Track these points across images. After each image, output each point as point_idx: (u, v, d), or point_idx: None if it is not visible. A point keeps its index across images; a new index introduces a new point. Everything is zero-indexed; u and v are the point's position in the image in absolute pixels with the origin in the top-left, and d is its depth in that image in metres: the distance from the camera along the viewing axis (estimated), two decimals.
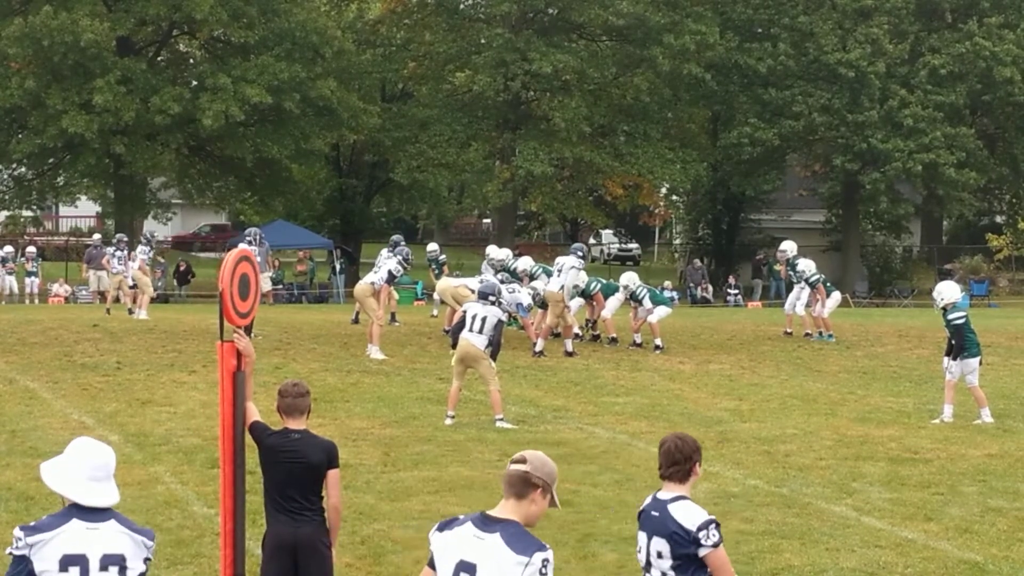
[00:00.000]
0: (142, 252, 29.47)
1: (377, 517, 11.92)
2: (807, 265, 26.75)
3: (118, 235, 35.99)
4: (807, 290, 26.48)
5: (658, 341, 23.87)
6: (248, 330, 8.14)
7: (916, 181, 51.43)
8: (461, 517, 5.96)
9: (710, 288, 48.73)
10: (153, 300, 30.27)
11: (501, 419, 16.62)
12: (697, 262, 51.20)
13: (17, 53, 42.74)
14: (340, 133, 48.94)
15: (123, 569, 5.85)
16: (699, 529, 6.28)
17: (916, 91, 49.67)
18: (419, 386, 19.65)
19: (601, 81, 50.42)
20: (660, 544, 6.35)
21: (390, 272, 23.86)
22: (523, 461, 5.96)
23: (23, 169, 48.95)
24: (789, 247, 27.18)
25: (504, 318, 17.14)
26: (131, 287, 30.32)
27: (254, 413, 7.99)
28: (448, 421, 16.60)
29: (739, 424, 17.02)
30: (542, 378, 20.71)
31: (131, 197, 47.97)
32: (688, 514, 6.34)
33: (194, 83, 46.16)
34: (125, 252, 31.04)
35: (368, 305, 23.53)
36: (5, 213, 52.71)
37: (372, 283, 23.54)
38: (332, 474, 8.02)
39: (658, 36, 47.23)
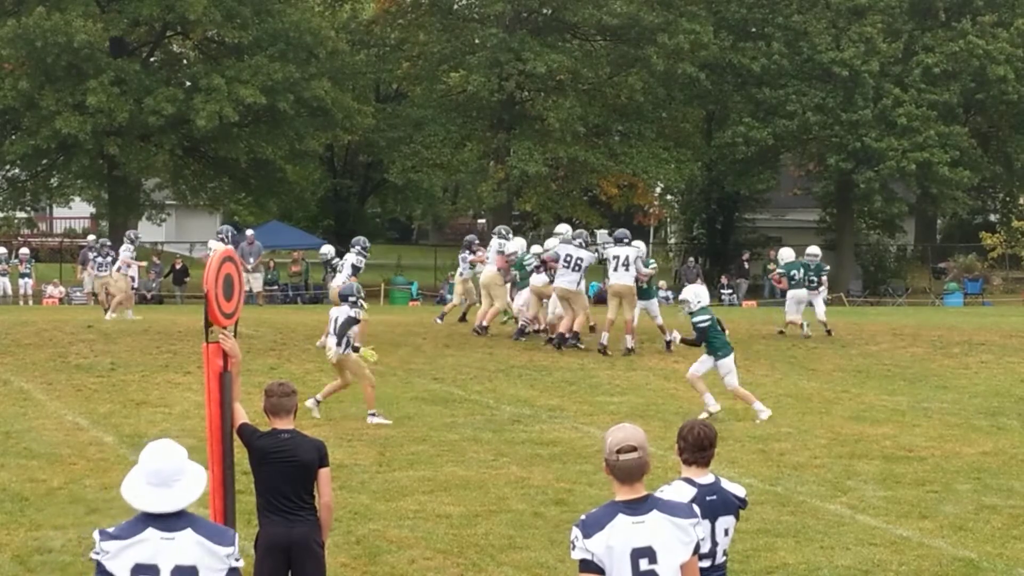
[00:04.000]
0: (125, 251, 29.41)
1: (372, 517, 11.92)
2: (785, 254, 27.15)
3: (100, 240, 36.09)
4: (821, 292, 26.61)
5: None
6: (233, 330, 8.14)
7: (910, 180, 51.44)
8: (599, 515, 5.96)
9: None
10: (146, 301, 30.19)
11: (373, 414, 16.74)
12: (691, 261, 51.22)
13: (10, 54, 42.72)
14: (334, 134, 48.94)
15: None
16: (746, 496, 6.97)
17: (910, 90, 49.70)
18: (414, 386, 19.66)
19: (595, 81, 50.43)
20: (727, 522, 6.77)
21: (353, 266, 24.41)
22: (635, 448, 5.99)
23: (16, 170, 48.88)
24: (785, 254, 27.05)
25: (355, 314, 17.13)
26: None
27: (242, 415, 7.98)
28: (310, 402, 16.82)
29: (734, 423, 17.03)
30: (537, 378, 20.72)
31: (125, 198, 47.96)
32: (736, 487, 6.94)
33: (188, 84, 46.12)
34: (108, 258, 31.22)
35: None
36: None
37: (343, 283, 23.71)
38: (323, 472, 8.04)
39: (652, 36, 47.24)
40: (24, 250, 41.75)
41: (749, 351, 24.17)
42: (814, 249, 27.31)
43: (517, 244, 26.29)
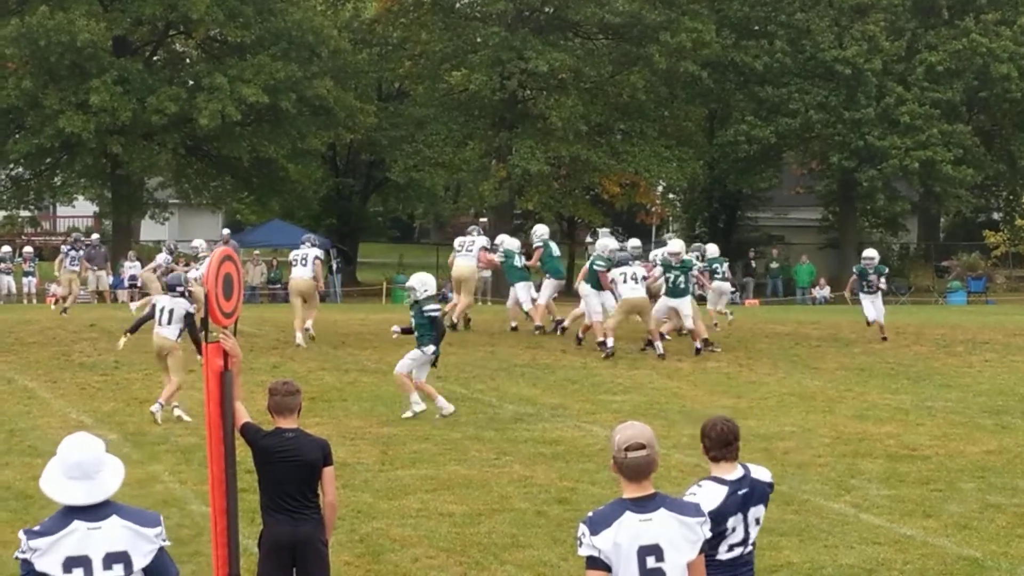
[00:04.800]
0: (161, 258, 29.50)
1: (375, 515, 11.92)
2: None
3: (74, 234, 36.26)
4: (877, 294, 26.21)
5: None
6: (233, 329, 8.14)
7: (913, 178, 51.40)
8: (606, 512, 5.98)
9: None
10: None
11: (173, 407, 16.67)
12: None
13: (13, 53, 42.70)
14: (336, 132, 48.94)
15: (128, 565, 5.86)
16: (772, 479, 7.09)
17: (913, 88, 49.66)
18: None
19: (597, 79, 50.38)
20: (758, 511, 6.90)
21: (317, 258, 24.74)
22: (643, 446, 6.01)
23: (20, 169, 48.93)
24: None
25: (192, 309, 17.17)
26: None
27: (244, 414, 7.98)
28: (155, 408, 16.56)
29: (737, 422, 16.92)
30: (540, 376, 20.71)
31: (128, 197, 47.98)
32: (762, 472, 7.07)
33: (190, 83, 46.12)
34: (80, 253, 31.71)
35: (313, 301, 24.70)
36: (2, 213, 52.72)
37: (313, 277, 24.32)
38: (327, 471, 8.04)
39: (654, 34, 47.20)
40: (28, 249, 41.77)
41: (752, 350, 24.17)
42: (871, 252, 27.13)
43: (513, 243, 26.41)
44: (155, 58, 48.89)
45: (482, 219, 37.82)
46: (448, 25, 50.88)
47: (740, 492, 6.80)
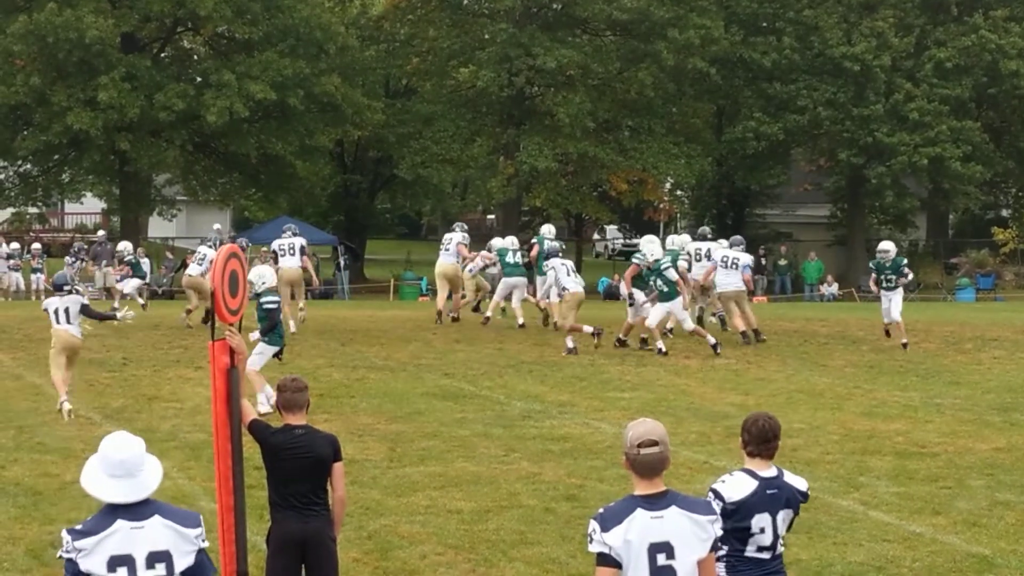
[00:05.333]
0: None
1: (383, 512, 11.92)
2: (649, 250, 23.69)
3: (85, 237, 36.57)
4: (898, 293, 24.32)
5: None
6: (238, 326, 8.13)
7: (921, 175, 51.37)
8: (618, 509, 5.98)
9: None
10: (158, 296, 30.27)
11: (65, 401, 16.55)
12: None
13: (22, 50, 42.76)
14: (344, 129, 48.97)
15: (170, 564, 5.89)
16: (808, 489, 7.02)
17: (921, 84, 49.61)
18: (424, 382, 19.65)
19: (605, 76, 50.37)
20: (787, 515, 6.83)
21: (303, 247, 25.87)
22: (656, 443, 6.01)
23: (28, 166, 49.04)
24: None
25: (86, 300, 17.49)
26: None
27: (251, 411, 7.98)
28: (62, 405, 16.42)
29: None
30: (547, 373, 20.70)
31: (136, 194, 48.07)
32: (798, 480, 6.97)
33: (198, 80, 46.20)
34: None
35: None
36: (11, 210, 52.76)
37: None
38: (337, 467, 8.05)
39: (662, 30, 47.18)
40: (36, 245, 41.88)
41: (760, 347, 24.13)
42: (886, 245, 24.93)
43: (509, 241, 26.94)
44: (163, 55, 48.94)
45: (490, 216, 37.86)
46: (455, 22, 50.91)
47: (770, 492, 6.76)
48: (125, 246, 31.88)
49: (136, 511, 5.91)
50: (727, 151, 53.05)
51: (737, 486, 6.73)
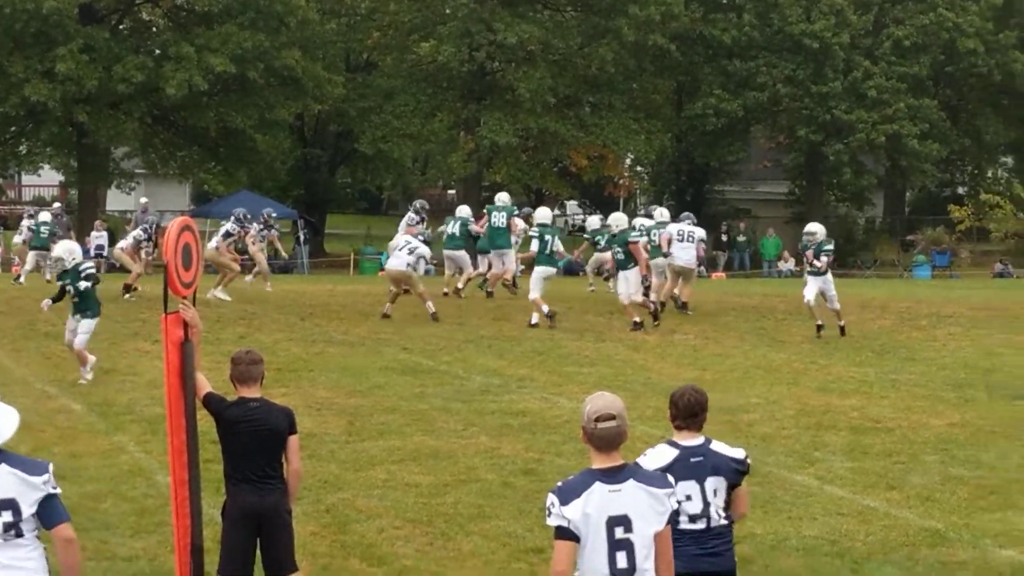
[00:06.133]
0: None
1: (341, 486, 11.94)
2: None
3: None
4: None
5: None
6: (192, 299, 8.11)
7: (879, 152, 51.65)
8: (575, 483, 6.03)
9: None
10: (115, 269, 30.13)
11: None
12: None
13: None
14: (304, 103, 48.68)
15: (16, 511, 6.11)
16: (746, 458, 7.03)
17: (880, 62, 49.82)
18: (383, 356, 19.65)
19: (566, 52, 50.31)
20: (715, 483, 6.87)
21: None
22: (613, 417, 6.03)
23: None
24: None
25: None
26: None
27: (206, 384, 7.97)
28: None
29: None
30: (506, 348, 20.75)
31: (94, 166, 47.70)
32: (730, 449, 7.02)
33: (157, 52, 45.88)
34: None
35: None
36: None
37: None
38: (292, 439, 8.06)
39: (623, 7, 47.14)
40: None
41: (718, 323, 24.24)
42: (812, 227, 23.81)
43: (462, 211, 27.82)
44: (122, 26, 48.52)
45: (450, 191, 37.88)
46: None
47: (693, 460, 6.82)
48: (45, 216, 31.57)
49: None
50: (687, 127, 53.15)
51: (657, 457, 6.81)
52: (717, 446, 6.95)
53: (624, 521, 5.94)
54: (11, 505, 6.10)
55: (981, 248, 54.20)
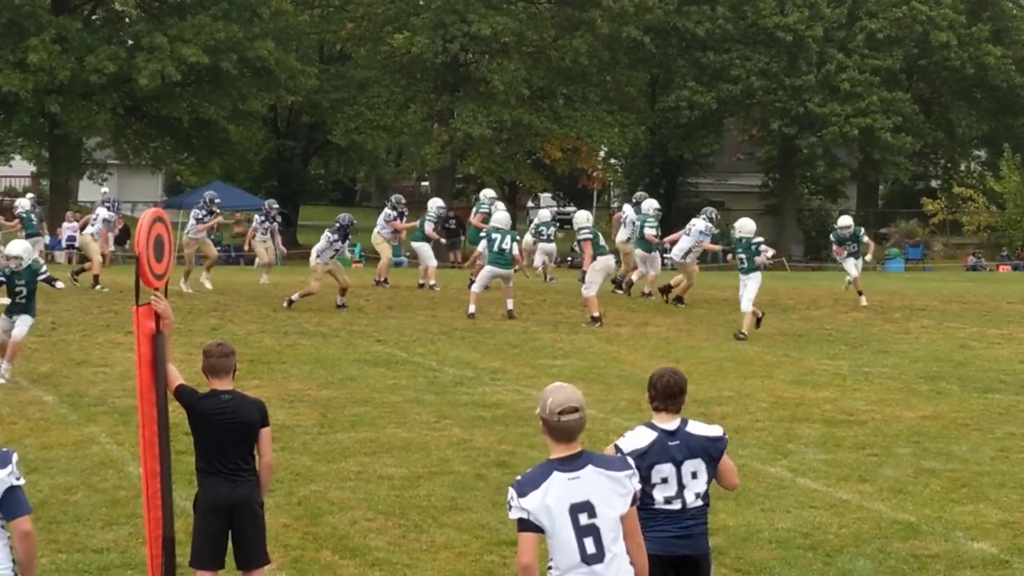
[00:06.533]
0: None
1: (314, 478, 11.90)
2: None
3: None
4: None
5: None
6: (164, 291, 8.05)
7: (852, 145, 51.81)
8: (535, 474, 6.10)
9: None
10: (85, 260, 29.99)
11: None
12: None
13: None
14: (277, 94, 48.61)
15: None
16: (724, 435, 7.04)
17: (853, 55, 49.96)
18: (356, 348, 19.61)
19: (540, 44, 50.32)
20: (694, 465, 6.84)
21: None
22: (577, 410, 6.13)
23: None
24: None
25: None
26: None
27: (177, 376, 7.92)
28: None
29: None
30: (480, 340, 20.72)
31: (66, 157, 47.51)
32: (707, 428, 7.01)
33: (130, 42, 45.70)
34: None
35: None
36: None
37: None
38: (265, 432, 8.03)
39: None
40: None
41: (691, 315, 24.26)
42: (846, 220, 27.51)
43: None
44: (94, 17, 48.36)
45: (424, 183, 37.88)
46: None
47: (671, 443, 6.81)
48: (21, 203, 31.23)
49: None
50: (660, 120, 53.22)
51: (636, 438, 6.82)
52: (693, 427, 6.95)
53: (587, 507, 6.01)
54: None
55: (954, 241, 54.45)
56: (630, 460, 6.41)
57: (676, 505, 6.80)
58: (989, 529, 10.74)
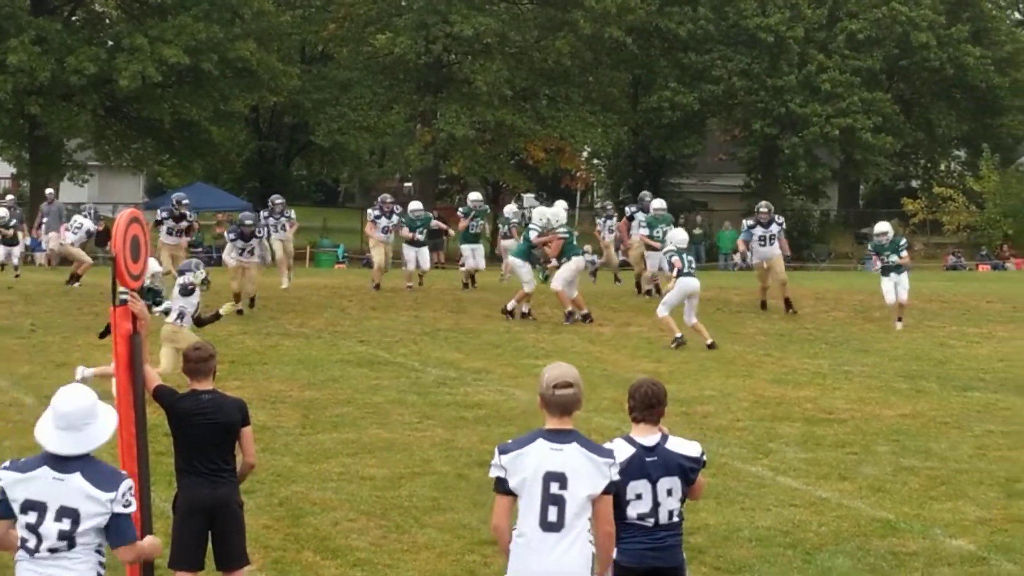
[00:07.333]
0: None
1: (295, 479, 11.90)
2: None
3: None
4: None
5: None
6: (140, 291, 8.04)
7: (834, 145, 51.94)
8: (522, 438, 6.48)
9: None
10: (68, 262, 29.85)
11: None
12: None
13: None
14: (260, 95, 48.57)
15: (76, 522, 6.03)
16: (702, 455, 6.96)
17: (834, 56, 50.08)
18: (339, 349, 19.60)
19: (523, 44, 50.35)
20: (670, 483, 6.80)
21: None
22: (570, 385, 6.50)
23: None
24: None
25: (184, 280, 16.61)
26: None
27: (155, 377, 7.93)
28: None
29: None
30: (463, 340, 20.73)
31: (47, 158, 47.40)
32: (686, 446, 6.94)
33: (110, 43, 45.59)
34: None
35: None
36: None
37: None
38: (246, 431, 8.04)
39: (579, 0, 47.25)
40: None
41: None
42: (883, 226, 23.75)
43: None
44: (74, 18, 48.26)
45: (407, 183, 37.86)
46: None
47: (648, 459, 6.76)
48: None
49: (64, 464, 6.10)
50: (643, 120, 53.27)
51: (615, 453, 6.74)
52: (673, 443, 6.88)
53: (560, 478, 6.27)
54: (73, 515, 6.04)
55: (934, 241, 54.59)
56: (616, 458, 6.49)
57: (649, 523, 6.76)
58: (967, 526, 10.79)
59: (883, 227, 23.68)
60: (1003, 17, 58.43)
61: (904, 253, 22.92)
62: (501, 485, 6.35)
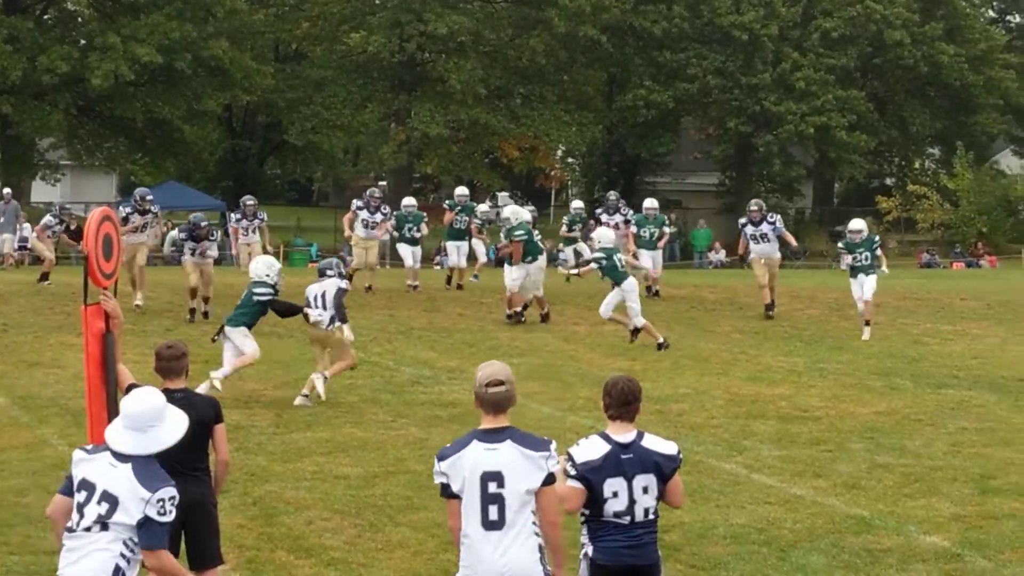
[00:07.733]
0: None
1: (269, 478, 11.86)
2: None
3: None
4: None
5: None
6: (113, 290, 8.00)
7: (808, 144, 52.05)
8: (458, 441, 6.62)
9: None
10: (40, 262, 29.70)
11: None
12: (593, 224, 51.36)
13: None
14: (233, 94, 48.45)
15: (113, 509, 6.26)
16: (678, 453, 7.00)
17: (808, 54, 50.20)
18: (313, 348, 19.51)
19: (497, 43, 50.32)
20: (646, 480, 6.81)
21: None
22: (502, 383, 6.61)
23: None
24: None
25: (344, 285, 16.74)
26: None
27: (128, 376, 7.88)
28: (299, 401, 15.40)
29: None
30: (437, 339, 20.70)
31: (19, 158, 47.18)
32: (662, 444, 6.96)
33: (83, 42, 45.41)
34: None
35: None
36: None
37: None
38: (219, 429, 8.01)
39: None
40: None
41: (648, 313, 24.20)
42: (858, 224, 23.25)
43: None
44: (46, 16, 48.06)
45: (381, 182, 37.78)
46: None
47: (624, 456, 6.76)
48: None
49: (123, 455, 6.39)
50: (618, 119, 53.31)
51: (588, 449, 6.81)
52: (649, 441, 6.88)
53: (497, 477, 6.41)
54: (113, 502, 6.29)
55: (908, 238, 54.76)
56: (551, 442, 6.62)
57: (626, 520, 6.76)
58: (941, 523, 10.81)
59: (858, 224, 23.22)
60: (977, 15, 58.66)
61: (879, 251, 22.65)
62: (446, 490, 6.54)
